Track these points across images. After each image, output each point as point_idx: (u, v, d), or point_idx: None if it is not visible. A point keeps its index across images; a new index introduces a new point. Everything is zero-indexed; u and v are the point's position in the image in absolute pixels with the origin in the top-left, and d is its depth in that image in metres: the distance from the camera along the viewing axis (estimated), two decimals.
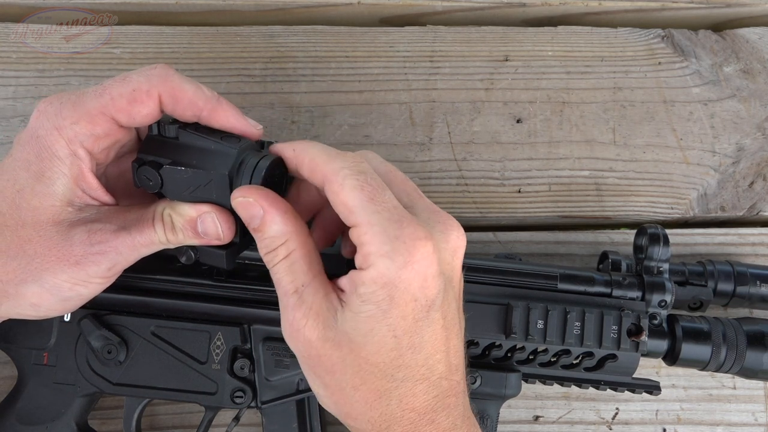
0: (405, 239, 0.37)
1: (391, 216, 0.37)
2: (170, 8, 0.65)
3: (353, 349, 0.38)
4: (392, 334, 0.38)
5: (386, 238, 0.37)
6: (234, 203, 0.39)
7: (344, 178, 0.38)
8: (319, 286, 0.39)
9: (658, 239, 0.51)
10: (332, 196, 0.38)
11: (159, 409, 0.56)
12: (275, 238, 0.39)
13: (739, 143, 0.63)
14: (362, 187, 0.38)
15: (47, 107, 0.40)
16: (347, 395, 0.39)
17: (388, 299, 0.37)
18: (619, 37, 0.66)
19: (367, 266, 0.37)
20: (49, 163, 0.40)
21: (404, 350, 0.38)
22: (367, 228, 0.37)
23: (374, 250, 0.37)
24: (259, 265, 0.50)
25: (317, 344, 0.38)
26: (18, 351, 0.49)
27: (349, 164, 0.38)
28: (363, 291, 0.37)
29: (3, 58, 0.61)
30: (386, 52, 0.64)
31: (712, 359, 0.50)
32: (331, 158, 0.39)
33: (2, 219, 0.40)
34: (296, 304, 0.39)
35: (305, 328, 0.38)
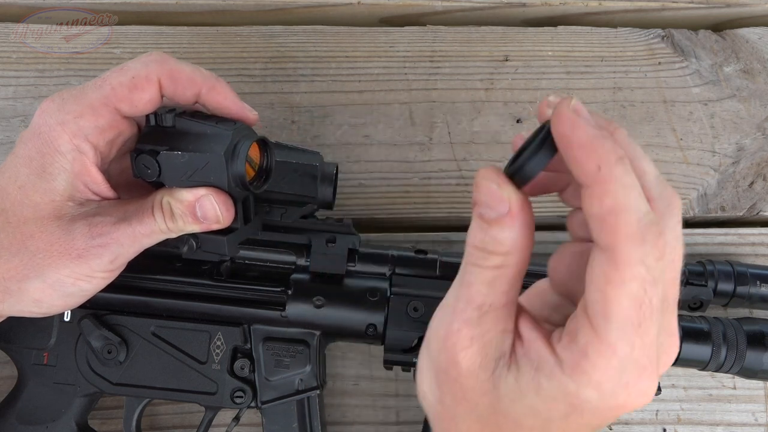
0: (631, 392, 0.30)
1: (639, 359, 0.30)
2: (170, 8, 0.65)
3: (495, 409, 0.32)
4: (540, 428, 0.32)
5: (617, 380, 0.30)
6: (478, 177, 0.32)
7: (632, 278, 0.29)
8: (501, 317, 0.33)
9: None
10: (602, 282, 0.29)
11: (159, 409, 0.56)
12: (500, 243, 0.32)
13: (739, 143, 0.63)
14: (641, 305, 0.29)
15: (49, 105, 0.41)
16: (453, 425, 0.35)
17: (563, 417, 0.31)
18: (619, 37, 0.66)
19: (570, 376, 0.30)
20: (50, 159, 0.40)
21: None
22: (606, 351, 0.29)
23: (594, 378, 0.30)
24: (258, 265, 0.50)
25: (464, 372, 0.33)
26: (18, 351, 0.49)
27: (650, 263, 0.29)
28: (546, 387, 0.31)
29: (3, 58, 0.61)
30: (386, 52, 0.64)
31: (712, 359, 0.50)
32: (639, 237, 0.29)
33: (4, 216, 0.40)
34: (470, 320, 0.32)
35: (464, 350, 0.32)
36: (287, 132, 0.61)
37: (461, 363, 0.33)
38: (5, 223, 0.40)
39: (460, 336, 0.33)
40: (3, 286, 0.41)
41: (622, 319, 0.29)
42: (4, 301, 0.41)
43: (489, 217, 0.32)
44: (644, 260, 0.29)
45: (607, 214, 0.29)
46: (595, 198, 0.29)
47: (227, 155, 0.39)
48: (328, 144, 0.61)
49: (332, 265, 0.49)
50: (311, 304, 0.48)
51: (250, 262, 0.50)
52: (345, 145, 0.61)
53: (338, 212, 0.53)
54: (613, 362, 0.29)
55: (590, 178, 0.30)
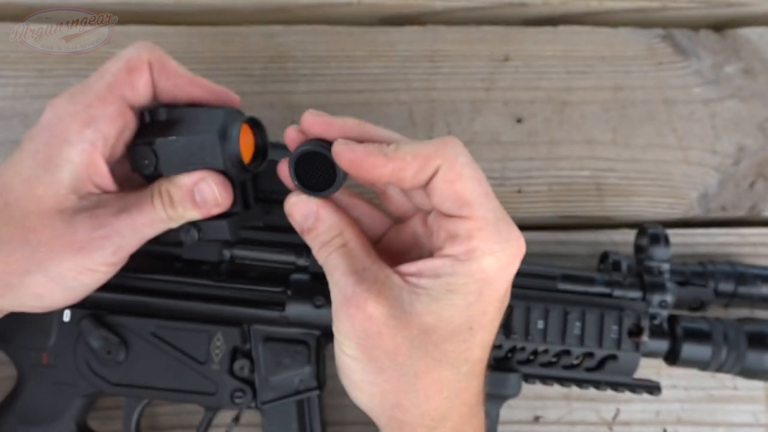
0: (512, 242, 0.38)
1: (502, 216, 0.38)
2: (170, 8, 0.65)
3: (425, 330, 0.37)
4: (468, 326, 0.38)
5: (499, 238, 0.37)
6: (288, 206, 0.40)
7: (462, 166, 0.37)
8: (379, 270, 0.38)
9: (659, 239, 0.51)
10: (445, 184, 0.37)
11: (159, 410, 0.56)
12: (331, 229, 0.39)
13: (739, 143, 0.63)
14: (479, 180, 0.37)
15: (58, 100, 0.41)
16: (406, 382, 0.38)
17: (477, 293, 0.37)
18: (619, 36, 0.66)
19: (469, 259, 0.37)
20: (57, 150, 0.40)
21: (475, 345, 0.38)
22: (482, 224, 0.37)
23: (483, 246, 0.37)
24: (258, 265, 0.50)
25: (380, 320, 0.37)
26: (17, 351, 0.49)
27: (462, 150, 0.38)
28: (453, 281, 0.37)
29: (3, 58, 0.61)
30: (386, 52, 0.64)
31: (712, 359, 0.50)
32: (441, 145, 0.37)
33: (8, 210, 0.40)
34: (357, 281, 0.38)
35: (367, 303, 0.37)
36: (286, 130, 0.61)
37: (373, 313, 0.37)
38: (8, 216, 0.40)
39: (356, 296, 0.37)
40: (4, 280, 0.41)
41: (477, 196, 0.37)
42: (5, 296, 0.41)
43: (311, 224, 0.40)
44: (457, 150, 0.37)
45: (417, 159, 0.37)
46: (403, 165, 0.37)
47: (221, 134, 0.40)
48: None
49: None
50: (311, 304, 0.48)
51: (250, 262, 0.50)
52: None
53: None
54: (491, 228, 0.37)
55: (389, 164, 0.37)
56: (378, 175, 0.38)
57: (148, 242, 0.50)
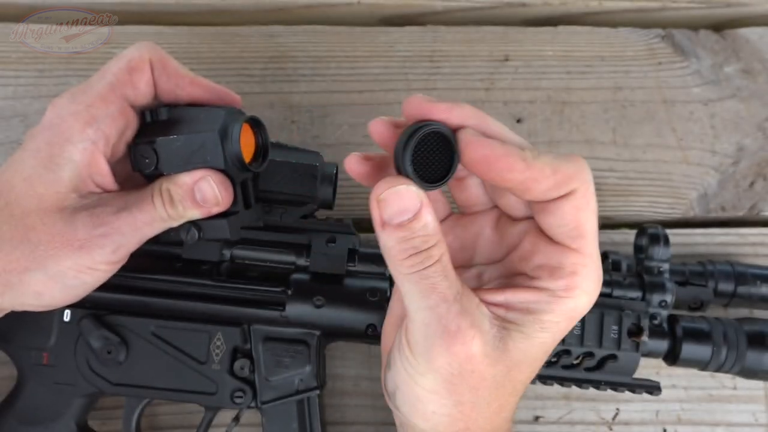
0: (598, 283, 0.37)
1: (599, 254, 0.37)
2: (170, 8, 0.65)
3: (509, 368, 0.36)
4: (542, 358, 0.38)
5: (597, 278, 0.36)
6: (385, 191, 0.34)
7: (592, 196, 0.35)
8: (470, 296, 0.36)
9: (659, 239, 0.51)
10: (572, 209, 0.35)
11: (159, 410, 0.56)
12: (429, 236, 0.34)
13: (739, 143, 0.63)
14: (595, 213, 0.36)
15: (60, 100, 0.41)
16: (478, 411, 0.37)
17: (563, 331, 0.37)
18: (619, 36, 0.66)
19: (567, 297, 0.35)
20: (59, 149, 0.40)
21: (534, 373, 0.39)
22: (588, 261, 0.36)
23: (585, 286, 0.36)
24: (258, 265, 0.50)
25: (478, 359, 0.35)
26: (18, 351, 0.49)
27: (592, 178, 0.35)
28: (549, 319, 0.36)
29: (3, 58, 0.61)
30: (386, 52, 0.64)
31: (712, 359, 0.50)
32: (580, 167, 0.35)
33: (9, 209, 0.40)
34: (460, 312, 0.34)
35: (473, 341, 0.35)
36: (287, 132, 0.61)
37: (475, 353, 0.35)
38: (9, 215, 0.40)
39: (463, 333, 0.35)
40: (4, 278, 0.41)
41: (592, 231, 0.36)
42: (5, 294, 0.41)
43: (406, 219, 0.34)
44: (590, 176, 0.35)
45: (556, 175, 0.34)
46: (539, 176, 0.34)
47: (222, 133, 0.40)
48: (328, 144, 0.61)
49: (332, 265, 0.49)
50: (311, 304, 0.48)
51: (250, 262, 0.50)
52: (345, 145, 0.61)
53: (338, 212, 0.53)
54: (594, 266, 0.36)
55: (525, 172, 0.34)
56: (508, 179, 0.34)
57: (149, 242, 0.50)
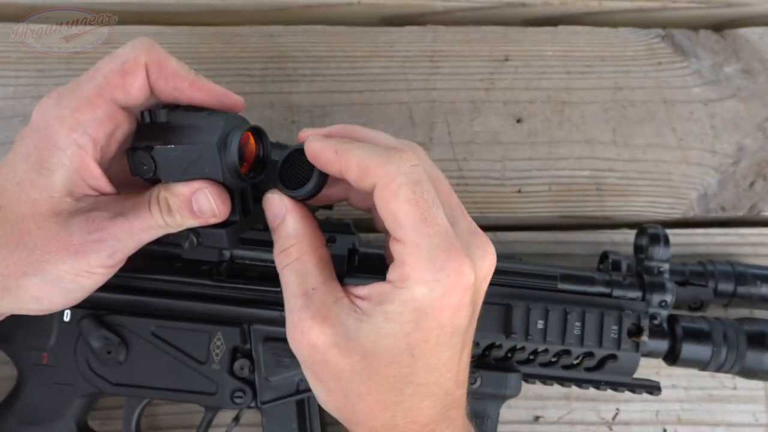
0: (449, 272, 0.36)
1: (440, 243, 0.36)
2: (170, 8, 0.65)
3: (365, 357, 0.37)
4: (409, 353, 0.37)
5: (431, 267, 0.36)
6: (264, 201, 0.41)
7: (399, 186, 0.36)
8: (329, 291, 0.39)
9: (659, 239, 0.51)
10: (382, 202, 0.37)
11: (159, 410, 0.56)
12: (289, 237, 0.40)
13: (739, 143, 0.63)
14: (417, 202, 0.36)
15: (47, 101, 0.41)
16: (351, 402, 0.39)
17: (414, 323, 0.37)
18: (619, 36, 0.66)
19: (402, 287, 0.36)
20: (48, 154, 0.40)
21: (418, 369, 0.38)
22: (413, 250, 0.36)
23: (415, 275, 0.36)
24: (258, 265, 0.50)
25: (323, 349, 0.38)
26: (18, 351, 0.49)
27: (406, 170, 0.36)
28: (390, 309, 0.37)
29: (3, 58, 0.61)
30: (386, 52, 0.64)
31: (712, 359, 0.50)
32: (383, 160, 0.37)
33: (3, 213, 0.40)
34: (303, 305, 0.38)
35: (311, 331, 0.38)
36: (287, 132, 0.61)
37: (316, 342, 0.37)
38: (3, 219, 0.40)
39: (301, 323, 0.38)
40: (2, 283, 0.40)
41: (410, 219, 0.36)
42: (4, 299, 0.41)
43: (276, 224, 0.40)
44: (399, 169, 0.36)
45: (360, 167, 0.37)
46: (347, 168, 0.37)
47: (219, 144, 0.39)
48: None
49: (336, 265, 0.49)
50: None
51: (250, 262, 0.50)
52: None
53: (338, 212, 0.53)
54: (422, 255, 0.36)
55: (336, 163, 0.38)
56: (333, 173, 0.38)
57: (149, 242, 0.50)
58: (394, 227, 0.37)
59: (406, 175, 0.36)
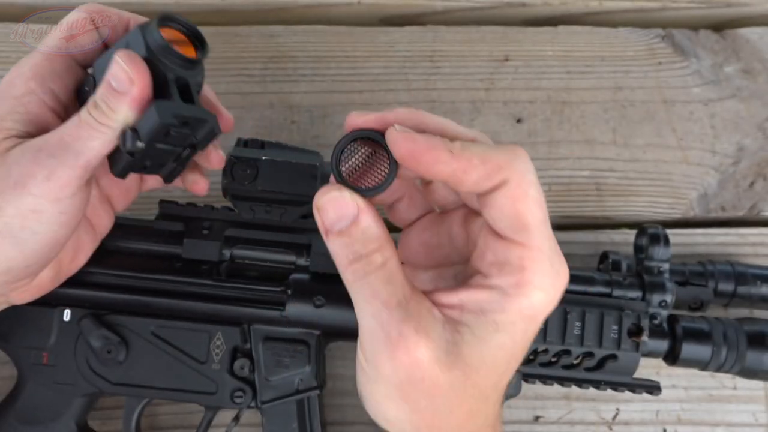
0: (562, 276, 0.34)
1: (555, 247, 0.34)
2: (170, 8, 0.65)
3: (466, 372, 0.34)
4: (508, 362, 0.35)
5: (551, 272, 0.34)
6: (322, 200, 0.35)
7: (529, 185, 0.33)
8: (420, 300, 0.34)
9: (659, 239, 0.51)
10: (508, 201, 0.33)
11: (159, 409, 0.56)
12: (370, 241, 0.34)
13: (739, 143, 0.63)
14: (541, 204, 0.34)
15: (7, 73, 0.42)
16: (440, 418, 0.35)
17: (524, 332, 0.34)
18: (619, 36, 0.66)
19: (519, 294, 0.33)
20: (2, 103, 0.40)
21: (504, 376, 0.36)
22: (537, 254, 0.33)
23: (537, 281, 0.33)
24: (259, 265, 0.50)
25: (426, 366, 0.33)
26: (17, 351, 0.49)
27: (532, 167, 0.34)
28: (501, 319, 0.33)
29: (3, 58, 0.61)
30: (386, 52, 0.64)
31: (712, 359, 0.50)
32: (512, 156, 0.33)
33: None
34: (403, 318, 0.33)
35: (418, 347, 0.33)
36: (287, 132, 0.61)
37: (422, 359, 0.33)
38: None
39: (405, 339, 0.33)
40: None
41: (537, 222, 0.33)
42: None
43: (345, 226, 0.34)
44: (528, 165, 0.34)
45: (485, 165, 0.33)
46: (468, 167, 0.33)
47: (142, 27, 0.39)
48: (328, 144, 0.61)
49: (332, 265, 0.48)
50: (311, 304, 0.48)
51: (250, 262, 0.50)
52: None
53: None
54: (545, 260, 0.34)
55: (452, 163, 0.33)
56: (437, 172, 0.34)
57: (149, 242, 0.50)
58: (517, 228, 0.33)
59: (534, 173, 0.34)
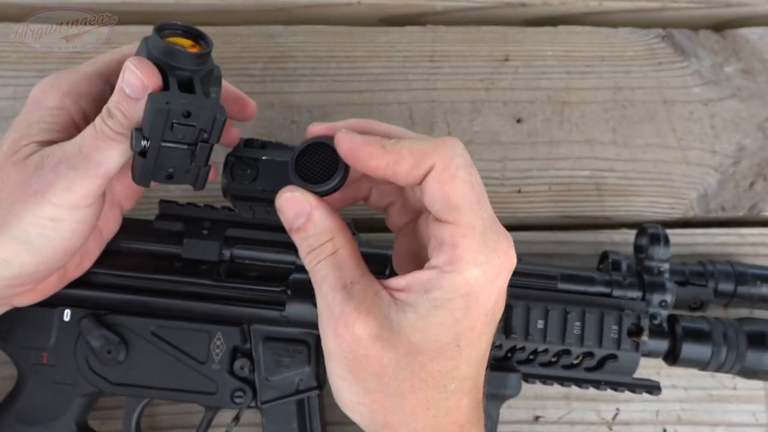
0: (500, 253, 0.36)
1: (491, 225, 0.36)
2: (170, 8, 0.65)
3: (410, 351, 0.36)
4: (456, 343, 0.36)
5: (485, 249, 0.35)
6: (279, 200, 0.39)
7: (457, 168, 0.36)
8: (368, 284, 0.37)
9: (659, 239, 0.51)
10: (437, 184, 0.36)
11: (159, 409, 0.56)
12: (322, 234, 0.38)
13: (739, 143, 0.63)
14: (473, 185, 0.36)
15: (45, 79, 0.42)
16: (393, 402, 0.37)
17: (464, 309, 0.36)
18: (619, 36, 0.66)
19: (453, 270, 0.35)
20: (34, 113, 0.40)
21: (462, 362, 0.37)
22: (468, 231, 0.35)
23: (467, 257, 0.35)
24: (258, 264, 0.50)
25: (367, 343, 0.36)
26: (18, 351, 0.49)
27: (461, 152, 0.36)
28: (438, 296, 0.35)
29: (3, 58, 0.61)
30: (386, 52, 0.64)
31: (712, 359, 0.50)
32: (439, 143, 0.36)
33: None
34: (345, 298, 0.37)
35: (356, 323, 0.36)
36: (287, 132, 0.61)
37: (361, 335, 0.36)
38: None
39: (345, 316, 0.36)
40: None
41: (467, 201, 0.35)
42: None
43: (300, 224, 0.39)
44: (455, 151, 0.36)
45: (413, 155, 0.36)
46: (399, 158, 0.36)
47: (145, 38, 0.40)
48: None
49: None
50: (311, 304, 0.48)
51: (250, 262, 0.50)
52: None
53: None
54: (476, 237, 0.35)
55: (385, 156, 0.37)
56: (374, 167, 0.37)
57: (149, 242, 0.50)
58: (448, 209, 0.36)
59: (462, 157, 0.36)
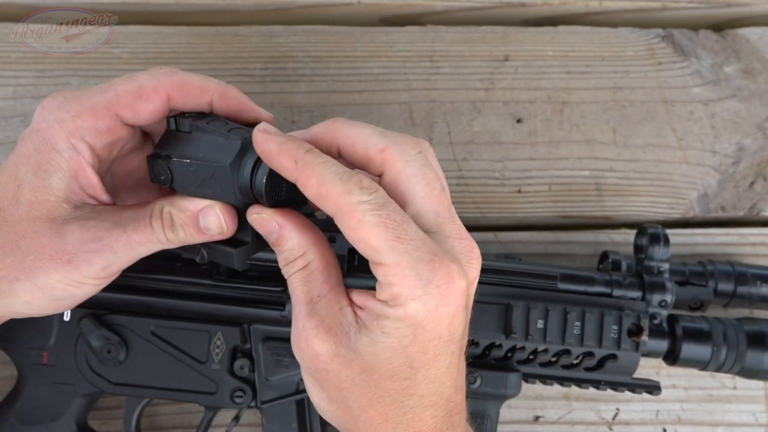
0: (439, 282, 0.35)
1: (422, 255, 0.35)
2: (170, 8, 0.65)
3: (365, 370, 0.37)
4: (408, 365, 0.37)
5: (419, 282, 0.35)
6: (250, 220, 0.39)
7: (363, 214, 0.35)
8: (334, 299, 0.38)
9: (659, 239, 0.51)
10: (349, 232, 0.36)
11: (159, 409, 0.56)
12: (293, 250, 0.38)
13: (739, 143, 0.63)
14: (386, 225, 0.35)
15: (51, 102, 0.40)
16: (352, 413, 0.38)
17: (411, 336, 0.36)
18: (619, 36, 0.66)
19: (394, 305, 0.36)
20: (47, 156, 0.39)
21: (419, 381, 0.37)
22: (397, 269, 0.35)
23: (405, 292, 0.35)
24: (258, 264, 0.50)
25: (326, 359, 0.37)
26: (18, 351, 0.49)
27: (368, 197, 0.35)
28: (386, 324, 0.36)
29: (3, 58, 0.61)
30: (386, 52, 0.64)
31: (712, 359, 0.50)
32: (344, 189, 0.35)
33: (2, 215, 0.40)
34: (308, 314, 0.38)
35: (314, 340, 0.37)
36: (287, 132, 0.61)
37: (319, 351, 0.37)
38: (2, 221, 0.40)
39: (305, 332, 0.37)
40: None
41: (383, 241, 0.35)
42: None
43: (273, 240, 0.39)
44: (360, 199, 0.35)
45: (320, 189, 0.35)
46: (306, 184, 0.36)
47: (233, 166, 0.38)
48: None
49: None
50: None
51: (250, 262, 0.50)
52: None
53: None
54: (407, 272, 0.35)
55: (294, 174, 0.36)
56: (291, 179, 0.37)
57: None
58: (370, 253, 0.36)
59: (368, 202, 0.35)
